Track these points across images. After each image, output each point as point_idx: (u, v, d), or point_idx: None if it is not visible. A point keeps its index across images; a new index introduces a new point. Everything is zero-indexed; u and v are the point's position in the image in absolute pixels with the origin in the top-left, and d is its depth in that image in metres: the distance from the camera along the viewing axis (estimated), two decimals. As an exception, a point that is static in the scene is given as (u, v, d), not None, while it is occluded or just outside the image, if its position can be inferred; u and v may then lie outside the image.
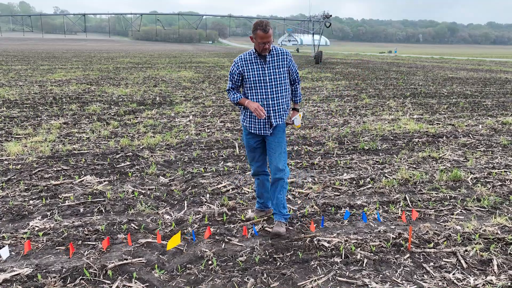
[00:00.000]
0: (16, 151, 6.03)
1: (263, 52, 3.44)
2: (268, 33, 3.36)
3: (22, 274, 2.95)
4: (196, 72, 21.19)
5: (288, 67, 3.59)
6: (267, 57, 3.50)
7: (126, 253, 3.30)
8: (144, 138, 6.94)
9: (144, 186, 4.80)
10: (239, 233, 3.69)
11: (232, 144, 6.69)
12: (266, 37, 3.34)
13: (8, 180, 4.90)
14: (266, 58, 3.50)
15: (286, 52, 3.56)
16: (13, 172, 5.21)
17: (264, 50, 3.41)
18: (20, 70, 20.58)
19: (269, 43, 3.41)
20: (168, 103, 10.82)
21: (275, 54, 3.52)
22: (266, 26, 3.36)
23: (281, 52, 3.54)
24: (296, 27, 48.78)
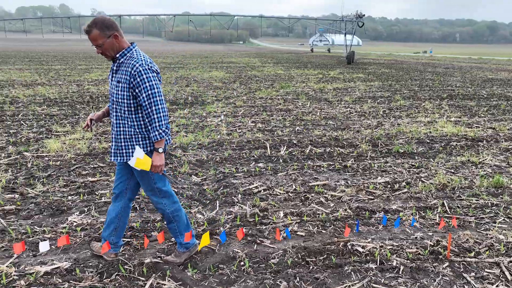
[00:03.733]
0: (56, 148, 6.26)
1: (104, 56, 2.77)
2: (90, 34, 2.66)
3: (61, 268, 3.05)
4: (227, 72, 21.35)
5: (131, 85, 2.68)
6: (115, 65, 2.79)
7: (160, 251, 3.34)
8: (176, 137, 7.04)
9: (177, 184, 4.86)
10: (271, 234, 3.66)
11: (263, 145, 6.67)
12: (91, 39, 2.67)
13: (48, 176, 5.09)
14: (115, 65, 2.79)
15: (135, 68, 2.66)
16: (53, 168, 5.40)
17: (102, 54, 2.75)
18: (60, 70, 21.40)
19: (101, 48, 2.69)
20: (200, 103, 10.94)
21: (122, 64, 2.75)
22: (88, 26, 2.67)
23: (130, 65, 2.69)
24: (327, 27, 48.25)
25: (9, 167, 5.41)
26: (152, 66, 2.74)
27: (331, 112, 9.71)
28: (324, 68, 24.77)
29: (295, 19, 45.64)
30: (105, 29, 2.67)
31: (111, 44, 2.70)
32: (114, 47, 2.73)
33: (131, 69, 2.67)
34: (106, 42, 2.68)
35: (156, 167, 2.78)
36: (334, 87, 14.95)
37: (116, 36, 2.71)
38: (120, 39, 2.74)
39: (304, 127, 8.09)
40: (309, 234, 3.67)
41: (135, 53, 2.76)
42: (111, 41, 2.70)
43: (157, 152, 2.76)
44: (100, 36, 2.66)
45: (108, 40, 2.68)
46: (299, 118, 9.01)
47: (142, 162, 2.69)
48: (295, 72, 21.53)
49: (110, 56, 2.76)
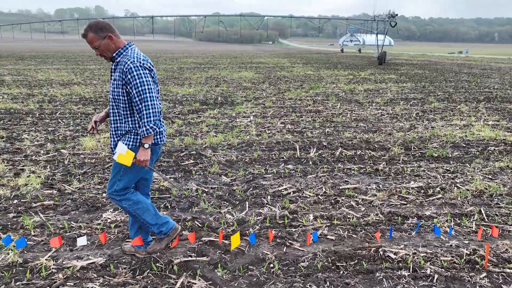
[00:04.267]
0: (91, 146, 6.46)
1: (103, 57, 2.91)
2: (87, 38, 2.80)
3: (96, 263, 3.15)
4: (257, 72, 21.40)
5: (123, 82, 2.79)
6: (113, 64, 2.91)
7: (191, 250, 3.39)
8: (206, 137, 7.12)
9: (207, 184, 4.92)
10: (300, 237, 3.64)
11: (293, 146, 6.64)
12: (88, 42, 2.81)
13: (84, 173, 5.27)
14: (113, 65, 2.91)
15: (126, 65, 2.76)
16: (88, 165, 5.58)
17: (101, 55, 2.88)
18: (94, 70, 22.08)
19: (98, 49, 2.83)
20: (229, 103, 11.02)
21: (118, 63, 2.86)
22: (84, 30, 2.83)
23: (123, 63, 2.80)
24: (358, 27, 47.51)
25: (47, 163, 5.63)
26: (144, 64, 2.81)
27: (362, 114, 9.56)
28: (354, 69, 24.40)
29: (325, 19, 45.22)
30: (99, 31, 2.80)
31: (106, 45, 2.83)
32: (110, 48, 2.85)
33: (124, 66, 2.78)
34: (101, 43, 2.81)
35: (140, 162, 2.85)
36: (365, 88, 14.71)
37: (111, 37, 2.83)
38: (115, 39, 2.85)
39: (334, 129, 8.00)
40: (340, 238, 3.62)
41: (130, 52, 2.87)
42: (106, 42, 2.82)
43: (143, 147, 2.83)
44: (96, 38, 2.80)
45: (103, 41, 2.81)
46: (329, 119, 8.92)
47: (124, 157, 2.76)
48: (324, 73, 21.32)
49: (108, 57, 2.88)
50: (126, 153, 2.76)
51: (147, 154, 2.84)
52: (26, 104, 10.37)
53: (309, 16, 50.26)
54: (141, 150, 2.84)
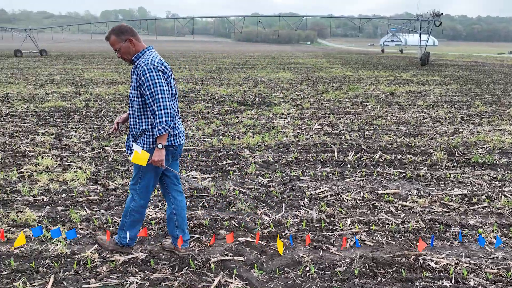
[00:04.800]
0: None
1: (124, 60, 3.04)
2: (109, 40, 2.96)
3: (138, 258, 3.27)
4: (294, 73, 21.32)
5: (138, 84, 2.90)
6: (133, 67, 3.00)
7: (227, 249, 3.44)
8: (244, 138, 7.19)
9: (244, 185, 4.97)
10: (337, 241, 3.61)
11: (331, 149, 6.58)
12: (111, 45, 2.97)
13: (126, 170, 5.47)
14: (133, 68, 3.00)
15: (141, 67, 2.87)
16: (130, 163, 5.79)
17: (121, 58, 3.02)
18: (137, 70, 22.84)
19: (119, 52, 2.96)
20: (266, 104, 11.06)
21: (136, 66, 2.96)
22: (108, 33, 2.99)
23: (138, 67, 2.91)
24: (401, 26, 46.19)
25: (93, 160, 5.89)
26: (158, 66, 2.89)
27: (403, 117, 9.30)
28: (395, 70, 23.75)
29: (366, 19, 44.32)
30: (120, 35, 2.94)
31: (127, 48, 2.96)
32: (130, 51, 2.97)
33: (138, 69, 2.89)
34: (122, 46, 2.94)
35: (155, 162, 2.93)
36: (407, 90, 14.29)
37: (131, 41, 2.95)
38: (135, 43, 2.97)
39: (373, 131, 7.83)
40: (378, 245, 3.55)
41: (146, 55, 2.97)
42: (127, 45, 2.95)
43: (157, 147, 2.91)
44: (117, 41, 2.93)
45: (124, 44, 2.94)
46: (368, 122, 8.74)
47: (139, 158, 2.85)
48: (364, 74, 20.91)
49: (128, 60, 3.00)
50: (140, 154, 2.85)
51: (161, 154, 2.92)
52: (74, 103, 10.90)
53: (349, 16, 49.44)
54: (156, 151, 2.92)
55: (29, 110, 9.75)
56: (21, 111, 9.67)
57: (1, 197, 4.49)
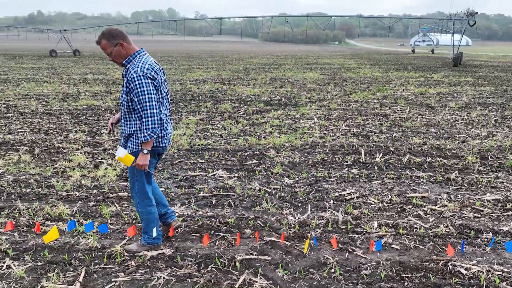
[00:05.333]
0: (162, 142, 6.83)
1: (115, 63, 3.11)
2: (100, 44, 3.01)
3: (165, 254, 3.34)
4: (322, 73, 21.15)
5: (127, 90, 2.98)
6: (124, 70, 3.06)
7: (252, 248, 3.47)
8: (270, 138, 7.20)
9: (270, 185, 4.98)
10: (363, 244, 3.57)
11: (358, 150, 6.49)
12: (102, 49, 3.02)
13: (154, 168, 5.58)
14: (124, 71, 3.06)
15: (130, 74, 2.93)
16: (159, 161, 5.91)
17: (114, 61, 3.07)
18: (165, 69, 23.26)
19: (111, 55, 3.01)
20: (293, 104, 11.03)
21: (127, 70, 3.03)
22: (98, 37, 3.02)
23: (129, 71, 2.97)
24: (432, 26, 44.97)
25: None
26: (148, 73, 2.94)
27: (434, 119, 9.06)
28: (426, 71, 23.16)
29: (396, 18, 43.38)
30: (111, 39, 2.99)
31: (118, 52, 3.00)
32: (122, 54, 3.02)
33: (129, 75, 2.95)
34: (113, 50, 2.99)
35: (139, 166, 3.05)
36: (438, 91, 13.91)
37: (122, 44, 2.99)
38: (126, 46, 3.02)
39: (402, 133, 7.68)
40: (405, 249, 3.49)
41: (137, 59, 3.02)
42: (118, 49, 2.99)
43: (142, 152, 3.01)
44: (108, 45, 2.99)
45: (115, 48, 2.99)
46: (397, 124, 8.57)
47: (123, 159, 2.98)
48: (393, 75, 20.50)
49: (119, 63, 3.05)
50: (124, 156, 2.97)
51: (146, 159, 3.02)
52: (105, 101, 11.22)
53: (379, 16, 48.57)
54: (140, 155, 3.02)
55: (63, 108, 10.11)
56: (55, 109, 10.05)
57: (37, 191, 4.68)
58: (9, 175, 5.21)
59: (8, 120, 8.61)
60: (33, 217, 4.01)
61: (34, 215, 4.06)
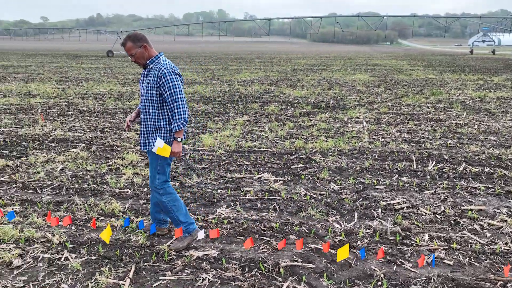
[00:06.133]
0: (209, 143, 6.97)
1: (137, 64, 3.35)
2: (125, 46, 3.26)
3: (210, 255, 3.40)
4: (372, 75, 20.59)
5: (158, 85, 3.24)
6: (146, 70, 3.36)
7: (297, 255, 3.44)
8: (317, 142, 7.11)
9: (316, 190, 4.92)
10: (413, 257, 3.42)
11: (409, 157, 6.25)
12: (126, 50, 3.28)
13: (202, 168, 5.71)
14: (146, 71, 3.37)
15: (161, 71, 3.21)
16: (206, 161, 6.04)
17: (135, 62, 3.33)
18: (214, 70, 23.71)
19: (134, 56, 3.28)
20: (341, 107, 10.82)
21: (152, 68, 3.31)
22: (124, 39, 3.31)
23: (157, 69, 3.25)
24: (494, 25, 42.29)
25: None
26: (175, 70, 3.27)
27: (493, 126, 8.52)
28: (486, 73, 21.83)
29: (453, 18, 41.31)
30: (136, 41, 3.27)
31: (141, 53, 3.28)
32: (144, 56, 3.30)
33: (158, 71, 3.22)
34: (137, 52, 3.26)
35: (175, 153, 3.30)
36: (498, 96, 13.06)
37: (145, 47, 3.28)
38: (149, 49, 3.30)
39: (457, 141, 7.29)
40: (459, 265, 3.30)
41: (162, 60, 3.31)
42: (141, 51, 3.27)
43: (176, 141, 3.29)
44: (133, 47, 3.25)
45: (139, 50, 3.26)
46: (452, 130, 8.15)
47: (162, 150, 3.20)
48: (449, 77, 19.52)
49: (141, 64, 3.33)
50: (163, 147, 3.20)
51: (180, 146, 3.32)
52: (157, 101, 11.62)
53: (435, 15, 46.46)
54: (175, 143, 3.29)
55: (118, 107, 10.61)
56: (110, 108, 10.56)
57: (93, 187, 4.95)
58: (68, 171, 5.54)
59: (68, 118, 9.18)
60: (88, 212, 4.24)
61: (90, 210, 4.29)
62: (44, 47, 72.42)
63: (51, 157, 6.13)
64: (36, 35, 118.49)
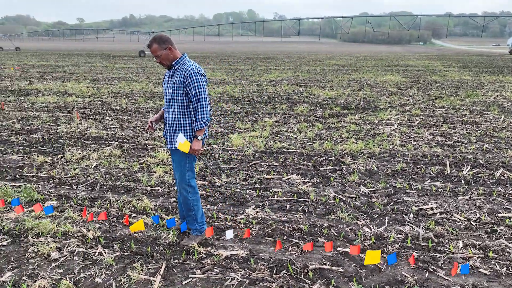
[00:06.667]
0: (238, 143, 7.01)
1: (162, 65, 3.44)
2: (151, 48, 3.36)
3: (239, 255, 3.42)
4: (404, 76, 20.12)
5: (184, 85, 3.35)
6: (171, 71, 3.46)
7: (325, 258, 3.41)
8: (346, 144, 7.02)
9: (345, 193, 4.86)
10: (446, 265, 3.33)
11: (442, 161, 6.07)
12: (152, 52, 3.37)
13: (231, 168, 5.75)
14: (171, 72, 3.46)
15: (187, 72, 3.33)
16: (235, 161, 6.08)
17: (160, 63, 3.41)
18: (243, 70, 23.83)
19: (158, 58, 3.38)
20: (372, 109, 10.64)
21: (177, 69, 3.41)
22: (150, 41, 3.40)
23: (183, 70, 3.36)
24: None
25: (201, 156, 6.32)
26: (200, 71, 3.38)
27: (533, 130, 8.14)
28: (525, 75, 20.88)
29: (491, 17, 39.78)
30: (162, 43, 3.37)
31: (166, 55, 3.39)
32: (169, 57, 3.40)
33: (185, 72, 3.34)
34: (163, 53, 3.37)
35: (194, 151, 3.41)
36: (539, 98, 12.46)
37: (170, 49, 3.38)
38: (173, 51, 3.41)
39: (494, 145, 7.01)
40: (495, 275, 3.18)
41: (187, 61, 3.42)
42: (167, 52, 3.38)
43: (197, 139, 3.41)
44: (158, 48, 3.36)
45: (164, 51, 3.37)
46: (489, 134, 7.85)
47: (183, 146, 3.32)
48: (485, 79, 18.81)
49: (166, 65, 3.43)
50: (184, 142, 3.32)
51: (199, 144, 3.42)
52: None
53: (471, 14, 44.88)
54: (195, 141, 3.41)
55: (149, 107, 10.84)
56: (142, 107, 10.82)
57: (125, 184, 5.08)
58: (102, 168, 5.72)
59: (102, 116, 9.46)
60: (121, 209, 4.36)
61: (122, 207, 4.41)
62: (79, 47, 75.03)
63: (86, 154, 6.35)
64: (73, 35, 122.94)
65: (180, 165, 3.53)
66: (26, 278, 3.11)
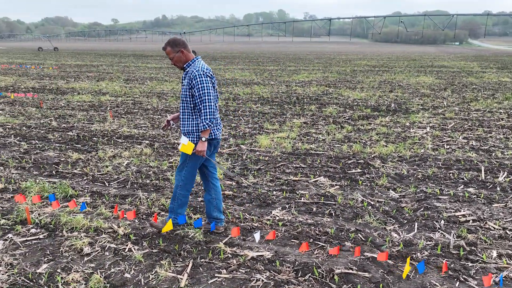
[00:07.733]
0: (266, 144, 7.03)
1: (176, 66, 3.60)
2: (165, 50, 3.55)
3: (264, 257, 3.44)
4: (438, 77, 19.54)
5: (191, 88, 3.48)
6: (184, 73, 3.61)
7: (352, 262, 3.37)
8: (376, 147, 6.90)
9: (374, 197, 4.78)
10: (478, 274, 3.22)
11: (477, 167, 5.86)
12: (166, 54, 3.55)
13: (258, 169, 5.78)
14: (184, 74, 3.60)
15: (193, 73, 3.46)
16: (262, 162, 6.10)
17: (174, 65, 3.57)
18: (272, 71, 23.82)
19: (172, 60, 3.55)
20: (403, 111, 10.40)
21: (187, 72, 3.56)
22: (164, 44, 3.59)
23: (190, 72, 3.51)
24: None
25: (229, 156, 6.38)
26: (206, 72, 3.50)
27: None
28: None
29: (533, 16, 37.89)
30: (175, 47, 3.54)
31: (179, 57, 3.56)
32: (181, 59, 3.57)
33: (191, 74, 3.48)
34: (175, 56, 3.55)
35: (199, 152, 3.51)
36: None
37: (182, 52, 3.55)
38: (186, 53, 3.57)
39: (534, 151, 6.71)
40: (531, 287, 3.05)
41: (197, 63, 3.56)
42: (179, 55, 3.55)
43: (201, 140, 3.49)
44: (171, 51, 3.54)
45: (177, 54, 3.54)
46: (528, 138, 7.52)
47: (185, 148, 3.45)
48: (526, 81, 17.98)
49: (179, 67, 3.61)
50: (187, 144, 3.44)
51: (204, 146, 3.50)
52: (216, 101, 11.93)
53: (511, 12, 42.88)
54: (200, 143, 3.51)
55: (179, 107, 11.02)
56: (173, 106, 11.02)
57: (155, 183, 5.20)
58: (133, 166, 5.88)
59: (134, 116, 9.72)
60: (150, 207, 4.47)
61: (152, 205, 4.52)
62: (113, 47, 77.27)
63: (118, 152, 6.54)
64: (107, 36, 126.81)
65: (181, 159, 3.72)
66: (60, 271, 3.24)
